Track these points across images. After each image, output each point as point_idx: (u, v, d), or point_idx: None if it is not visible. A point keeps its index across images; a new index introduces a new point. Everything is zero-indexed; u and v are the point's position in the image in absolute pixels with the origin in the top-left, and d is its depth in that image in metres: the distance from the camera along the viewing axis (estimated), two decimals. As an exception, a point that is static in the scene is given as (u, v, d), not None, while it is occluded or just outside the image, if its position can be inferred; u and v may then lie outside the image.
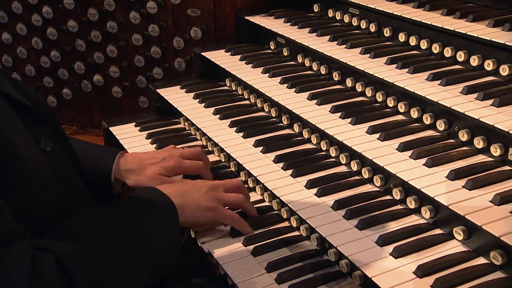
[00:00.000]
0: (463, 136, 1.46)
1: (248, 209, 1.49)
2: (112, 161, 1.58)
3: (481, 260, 1.24)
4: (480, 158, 1.42)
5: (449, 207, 1.25)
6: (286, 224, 1.49)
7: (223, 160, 1.80)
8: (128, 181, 1.58)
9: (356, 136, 1.55)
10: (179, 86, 2.16)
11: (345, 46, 1.88)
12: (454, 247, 1.28)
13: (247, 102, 2.01)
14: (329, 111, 1.69)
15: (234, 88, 2.10)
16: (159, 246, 1.25)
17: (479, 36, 1.58)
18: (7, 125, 1.02)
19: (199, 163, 1.61)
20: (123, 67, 2.53)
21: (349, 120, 1.62)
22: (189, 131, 2.02)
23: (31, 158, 1.07)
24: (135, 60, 2.48)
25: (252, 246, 1.39)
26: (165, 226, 1.29)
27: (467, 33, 1.61)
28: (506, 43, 1.51)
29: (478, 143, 1.42)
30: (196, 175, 1.61)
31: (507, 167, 1.38)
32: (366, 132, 1.56)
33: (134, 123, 2.10)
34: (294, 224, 1.46)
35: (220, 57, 2.16)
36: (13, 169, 1.02)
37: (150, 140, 1.96)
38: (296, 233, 1.45)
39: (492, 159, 1.41)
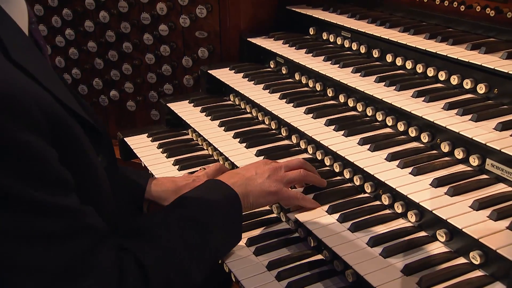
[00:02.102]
0: (445, 147, 1.45)
1: (314, 181, 1.43)
2: (145, 184, 1.51)
3: (461, 260, 1.23)
4: (460, 167, 1.42)
5: (433, 211, 1.25)
6: (285, 226, 1.47)
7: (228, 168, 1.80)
8: (166, 202, 1.49)
9: (348, 147, 1.54)
10: (188, 101, 2.16)
11: (338, 65, 1.87)
12: (437, 248, 1.28)
13: (249, 115, 2.01)
14: (324, 124, 1.68)
15: (237, 103, 2.10)
16: (222, 237, 1.21)
17: (458, 58, 1.58)
18: (84, 142, 0.98)
19: None
20: (137, 84, 2.53)
21: (342, 132, 1.62)
22: (196, 142, 2.01)
23: (101, 174, 1.04)
24: (148, 77, 2.48)
25: (254, 247, 1.38)
26: (228, 218, 1.25)
27: (448, 55, 1.61)
28: (482, 64, 1.51)
29: (458, 154, 1.42)
30: None
31: (484, 176, 1.37)
32: (357, 143, 1.55)
33: (146, 134, 2.09)
34: (292, 227, 1.46)
35: (225, 75, 2.16)
36: (91, 185, 0.99)
37: (161, 149, 1.96)
38: (295, 234, 1.44)
39: (471, 169, 1.40)
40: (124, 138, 2.08)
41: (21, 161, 0.83)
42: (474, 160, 1.38)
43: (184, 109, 2.09)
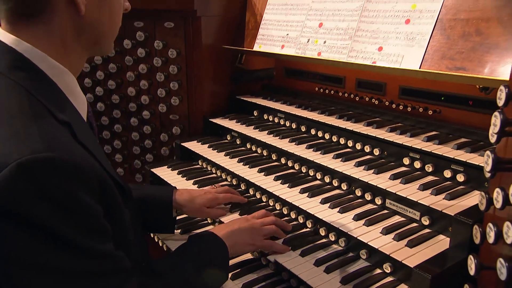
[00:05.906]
0: (358, 192, 1.56)
1: (280, 236, 1.46)
2: (171, 196, 1.57)
3: (378, 270, 1.32)
4: (370, 206, 1.51)
5: (357, 237, 1.34)
6: (250, 256, 1.50)
7: (202, 216, 1.81)
8: (184, 209, 1.58)
9: (293, 195, 1.60)
10: (166, 166, 2.16)
11: (278, 137, 1.96)
12: (361, 263, 1.36)
13: (215, 175, 2.03)
14: (273, 180, 1.74)
15: (205, 166, 2.13)
16: (214, 277, 1.23)
17: (360, 131, 1.73)
18: (119, 200, 0.98)
19: (229, 195, 1.67)
20: (125, 155, 2.50)
21: (287, 185, 1.68)
22: (176, 197, 2.01)
23: (129, 224, 1.04)
24: (133, 149, 2.47)
25: (230, 273, 1.39)
26: (219, 263, 1.27)
27: (353, 129, 1.76)
28: (376, 135, 1.67)
29: (367, 196, 1.53)
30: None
31: (385, 211, 1.49)
32: (299, 192, 1.62)
33: (135, 193, 2.06)
34: (256, 256, 1.49)
35: (193, 146, 2.19)
36: (122, 234, 0.99)
37: (148, 204, 1.94)
38: (259, 262, 1.47)
39: (376, 206, 1.51)
40: (118, 197, 2.02)
41: (78, 215, 0.85)
42: (378, 200, 1.51)
43: (164, 173, 2.10)
